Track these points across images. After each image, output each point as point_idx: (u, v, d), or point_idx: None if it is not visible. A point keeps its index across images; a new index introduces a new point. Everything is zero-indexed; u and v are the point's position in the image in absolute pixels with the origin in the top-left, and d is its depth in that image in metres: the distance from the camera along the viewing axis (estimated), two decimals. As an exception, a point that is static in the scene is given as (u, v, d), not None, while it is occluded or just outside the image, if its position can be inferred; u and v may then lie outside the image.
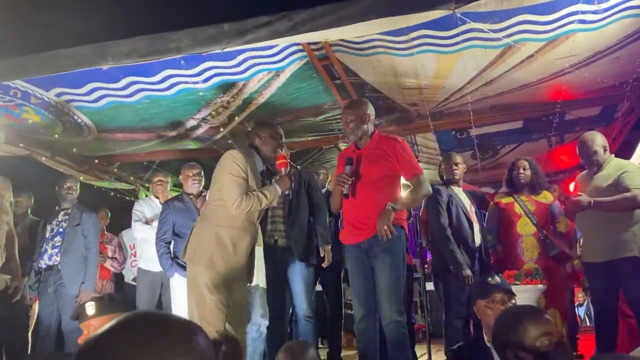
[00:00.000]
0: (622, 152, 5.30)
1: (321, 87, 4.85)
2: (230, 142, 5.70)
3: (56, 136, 5.32)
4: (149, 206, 5.31)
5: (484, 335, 2.70)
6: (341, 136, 5.72)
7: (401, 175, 3.59)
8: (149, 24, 3.68)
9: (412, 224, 5.73)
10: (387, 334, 3.45)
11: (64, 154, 5.89)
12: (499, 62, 4.34)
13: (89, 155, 6.20)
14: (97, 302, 2.49)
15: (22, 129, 5.13)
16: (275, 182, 3.49)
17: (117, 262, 5.90)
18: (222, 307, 3.23)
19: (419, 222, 5.36)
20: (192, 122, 5.43)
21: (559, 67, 4.43)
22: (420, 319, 7.87)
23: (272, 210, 4.36)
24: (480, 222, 4.64)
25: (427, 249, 5.35)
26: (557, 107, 5.23)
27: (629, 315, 4.12)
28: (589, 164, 4.18)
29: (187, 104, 4.95)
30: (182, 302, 4.36)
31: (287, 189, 3.54)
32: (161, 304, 4.98)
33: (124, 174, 6.85)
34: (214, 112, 5.18)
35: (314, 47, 4.14)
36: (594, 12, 3.66)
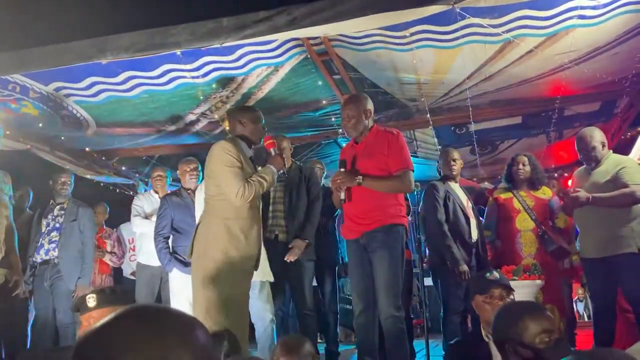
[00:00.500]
0: (621, 148, 5.31)
1: (320, 82, 4.85)
2: (229, 137, 5.69)
3: (55, 130, 5.31)
4: (148, 201, 5.31)
5: (482, 330, 2.71)
6: (340, 131, 5.73)
7: (390, 167, 3.55)
8: (148, 19, 3.68)
9: (412, 219, 5.73)
10: (385, 329, 3.46)
11: (63, 148, 5.88)
12: (498, 57, 4.34)
13: (88, 149, 6.19)
14: (98, 294, 2.47)
15: (21, 123, 5.13)
16: (268, 163, 3.48)
17: (116, 257, 5.90)
18: (229, 301, 3.20)
19: (418, 218, 5.37)
20: (191, 117, 5.42)
21: (558, 63, 4.43)
22: (418, 314, 7.87)
23: (272, 205, 4.37)
24: (477, 218, 4.65)
25: (425, 245, 5.36)
26: (557, 102, 5.23)
27: (628, 310, 4.13)
28: (587, 159, 4.18)
29: (186, 98, 4.94)
30: (181, 296, 4.39)
31: (282, 167, 3.54)
32: (160, 298, 5.00)
33: (123, 168, 6.84)
34: (213, 107, 5.18)
35: (313, 42, 4.14)
36: (594, 8, 3.66)
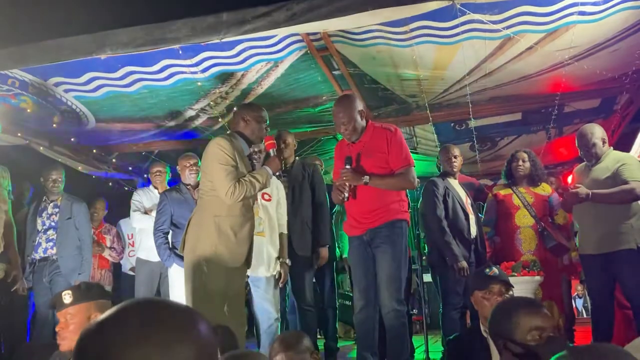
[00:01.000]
0: (621, 145, 5.31)
1: (320, 78, 4.84)
2: (229, 132, 5.69)
3: (54, 126, 5.30)
4: (148, 196, 5.31)
5: (481, 326, 2.71)
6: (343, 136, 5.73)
7: (391, 165, 3.56)
8: (148, 14, 3.66)
9: (411, 215, 5.74)
10: (386, 323, 3.48)
11: (62, 143, 5.87)
12: (499, 53, 4.33)
13: (87, 145, 6.18)
14: (73, 290, 2.50)
15: (20, 118, 5.12)
16: (265, 164, 3.48)
17: (115, 252, 5.90)
18: (220, 298, 3.24)
19: (417, 214, 5.37)
20: (190, 113, 5.42)
21: (559, 59, 4.42)
22: (417, 310, 7.89)
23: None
24: (476, 214, 4.65)
25: (425, 241, 5.37)
26: (556, 99, 5.22)
27: (626, 306, 4.14)
28: (587, 156, 4.18)
29: (185, 94, 4.93)
30: (180, 292, 4.39)
31: (278, 169, 3.53)
32: (160, 293, 5.00)
33: (122, 163, 6.83)
34: (212, 103, 5.17)
35: (312, 37, 4.13)
36: (594, 4, 3.65)
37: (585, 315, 10.09)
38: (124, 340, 0.80)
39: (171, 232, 4.60)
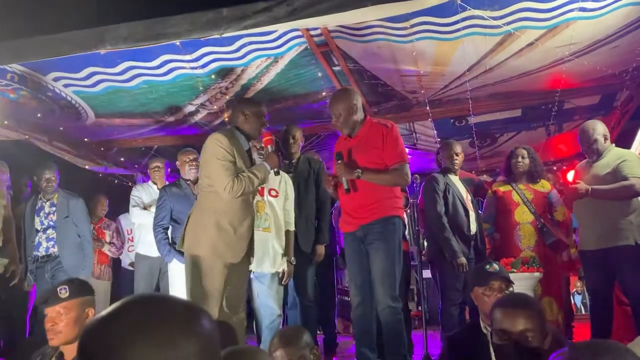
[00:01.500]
0: (621, 141, 5.30)
1: (320, 74, 4.83)
2: (228, 128, 5.68)
3: (53, 121, 5.29)
4: (147, 192, 5.31)
5: (481, 322, 2.71)
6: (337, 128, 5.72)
7: (386, 160, 3.55)
8: (148, 8, 3.64)
9: (410, 211, 5.74)
10: (382, 320, 3.48)
11: (62, 138, 5.86)
12: (499, 49, 4.33)
13: (86, 140, 6.17)
14: (69, 285, 2.52)
15: (19, 113, 5.11)
16: (263, 160, 3.48)
17: (115, 247, 5.90)
18: (219, 294, 3.24)
19: (417, 210, 5.37)
20: (190, 108, 5.41)
21: (559, 55, 4.42)
22: (416, 306, 7.90)
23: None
24: (476, 210, 4.66)
25: (424, 237, 5.37)
26: (556, 95, 5.22)
27: (625, 302, 4.15)
28: (589, 152, 4.19)
29: (185, 89, 4.92)
30: (180, 287, 4.39)
31: (276, 165, 3.52)
32: (159, 289, 5.01)
33: (122, 159, 6.82)
34: (212, 98, 5.17)
35: (313, 33, 4.12)
36: (594, 0, 3.64)
37: (584, 311, 10.09)
38: (128, 335, 0.80)
39: (171, 227, 4.60)
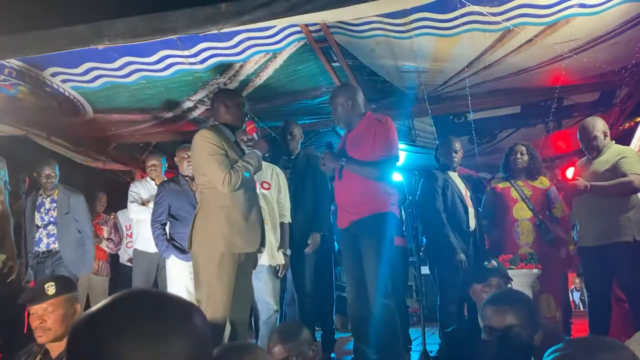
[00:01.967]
0: (621, 138, 5.30)
1: (318, 70, 4.82)
2: (210, 125, 5.67)
3: (51, 116, 5.28)
4: (145, 187, 5.31)
5: (479, 318, 2.71)
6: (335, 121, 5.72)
7: (375, 154, 3.55)
8: (146, 4, 3.64)
9: (409, 208, 5.74)
10: (375, 316, 3.48)
11: (60, 134, 5.85)
12: (498, 46, 4.31)
13: (84, 135, 6.16)
14: (56, 282, 2.53)
15: (17, 109, 5.09)
16: (253, 148, 3.46)
17: (112, 243, 5.90)
18: (233, 289, 3.20)
19: (416, 206, 5.37)
20: (188, 104, 5.39)
21: (558, 52, 4.40)
22: (414, 302, 7.90)
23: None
24: (475, 207, 4.65)
25: (423, 233, 5.37)
26: (556, 92, 5.21)
27: (623, 299, 4.15)
28: (588, 149, 4.19)
29: (183, 85, 4.91)
30: (178, 283, 4.40)
31: (266, 150, 3.54)
32: (157, 285, 5.00)
33: (120, 155, 6.81)
34: (210, 94, 5.15)
35: (311, 28, 4.10)
36: (594, -4, 3.63)
37: (582, 308, 10.12)
38: (118, 330, 0.79)
39: (169, 223, 4.60)
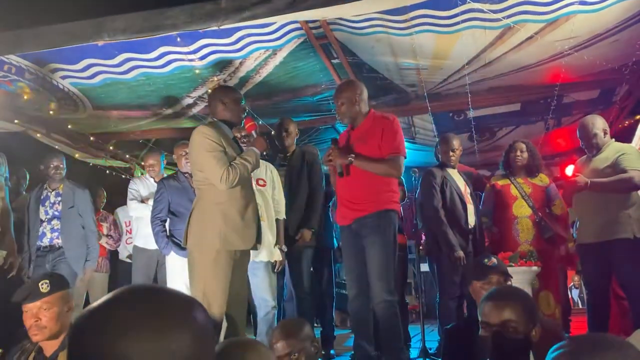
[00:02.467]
0: (621, 136, 5.30)
1: (318, 67, 4.82)
2: (208, 121, 5.66)
3: (51, 112, 5.27)
4: (145, 184, 5.30)
5: (479, 315, 2.71)
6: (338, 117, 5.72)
7: (382, 151, 3.54)
8: (146, 0, 3.63)
9: (409, 205, 5.74)
10: (378, 313, 3.48)
11: (59, 130, 5.85)
12: (498, 43, 4.31)
13: (84, 132, 6.16)
14: (50, 279, 2.53)
15: (16, 105, 5.09)
16: (251, 145, 3.45)
17: (112, 240, 5.90)
18: (228, 286, 3.20)
19: (415, 203, 5.37)
20: (188, 100, 5.39)
21: (558, 49, 4.40)
22: (414, 299, 7.92)
23: (271, 190, 4.38)
24: (474, 204, 4.65)
25: (422, 231, 5.37)
26: (556, 89, 5.21)
27: (622, 297, 4.15)
28: (588, 146, 4.19)
29: (183, 81, 4.90)
30: (179, 280, 4.39)
31: (264, 148, 3.49)
32: (157, 281, 5.00)
33: (120, 151, 6.81)
34: (210, 90, 5.15)
35: (312, 25, 4.10)
36: (595, -6, 3.63)
37: (581, 305, 10.13)
38: (120, 326, 0.79)
39: (169, 220, 4.59)
